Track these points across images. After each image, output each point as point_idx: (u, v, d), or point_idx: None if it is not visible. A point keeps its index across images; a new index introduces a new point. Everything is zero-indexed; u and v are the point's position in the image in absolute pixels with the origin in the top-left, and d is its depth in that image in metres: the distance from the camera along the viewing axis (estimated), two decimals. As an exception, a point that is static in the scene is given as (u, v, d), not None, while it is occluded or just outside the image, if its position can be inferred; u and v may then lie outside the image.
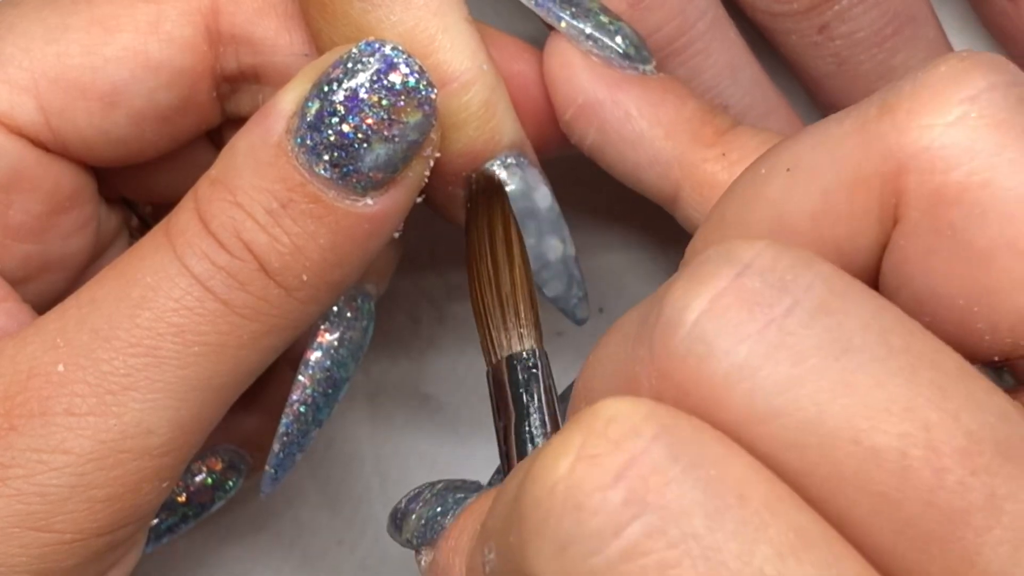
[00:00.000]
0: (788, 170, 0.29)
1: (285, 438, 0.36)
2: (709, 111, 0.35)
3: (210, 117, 0.37)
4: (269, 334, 0.33)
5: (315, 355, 0.36)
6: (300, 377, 0.35)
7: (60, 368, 0.32)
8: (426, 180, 0.34)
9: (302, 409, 0.36)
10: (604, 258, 0.43)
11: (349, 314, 0.36)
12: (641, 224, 0.43)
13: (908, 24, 0.38)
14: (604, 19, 0.35)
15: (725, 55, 0.37)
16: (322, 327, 0.36)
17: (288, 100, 0.33)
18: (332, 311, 0.36)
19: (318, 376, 0.36)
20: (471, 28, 0.34)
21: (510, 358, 0.34)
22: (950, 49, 0.39)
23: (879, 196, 0.28)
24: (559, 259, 0.36)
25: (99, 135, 0.35)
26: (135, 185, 0.38)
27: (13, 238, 0.36)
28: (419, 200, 0.34)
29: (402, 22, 0.33)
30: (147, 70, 0.35)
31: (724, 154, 0.34)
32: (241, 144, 0.33)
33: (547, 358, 0.34)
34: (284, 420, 0.35)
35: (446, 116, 0.34)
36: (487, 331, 0.34)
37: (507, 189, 0.35)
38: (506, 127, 0.35)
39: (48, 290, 0.37)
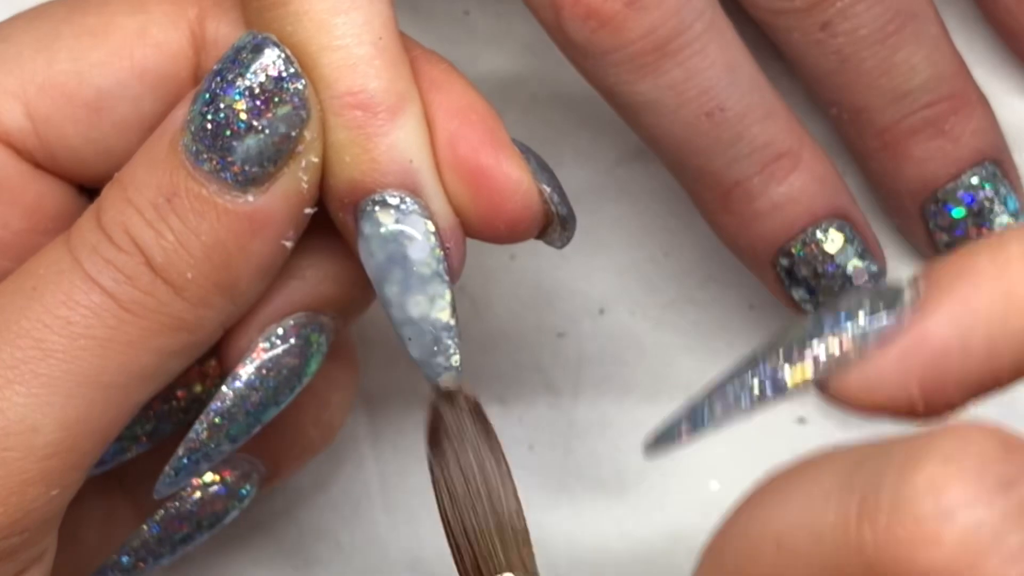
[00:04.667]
0: (776, 546, 0.27)
1: (191, 444, 0.35)
2: None
3: None
4: (160, 334, 0.33)
5: (244, 369, 0.35)
6: (224, 388, 0.35)
7: None
8: (305, 185, 0.33)
9: (217, 420, 0.35)
10: (604, 258, 0.43)
11: (293, 340, 0.35)
12: (641, 224, 0.43)
13: (910, 21, 0.38)
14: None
15: (723, 56, 0.37)
16: (260, 344, 0.35)
17: (190, 95, 0.33)
18: (277, 331, 0.35)
19: (242, 392, 0.35)
20: (373, 51, 0.33)
21: None
22: (953, 46, 0.39)
23: None
24: (422, 318, 0.34)
25: (87, 144, 0.35)
26: None
27: None
28: (308, 212, 0.34)
29: (295, 33, 0.33)
30: (132, 75, 0.35)
31: None
32: (144, 143, 0.34)
33: None
34: (196, 425, 0.35)
35: (326, 133, 0.33)
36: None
37: (379, 230, 0.33)
38: (392, 164, 0.33)
39: None
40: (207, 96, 0.33)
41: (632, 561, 0.44)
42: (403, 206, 0.33)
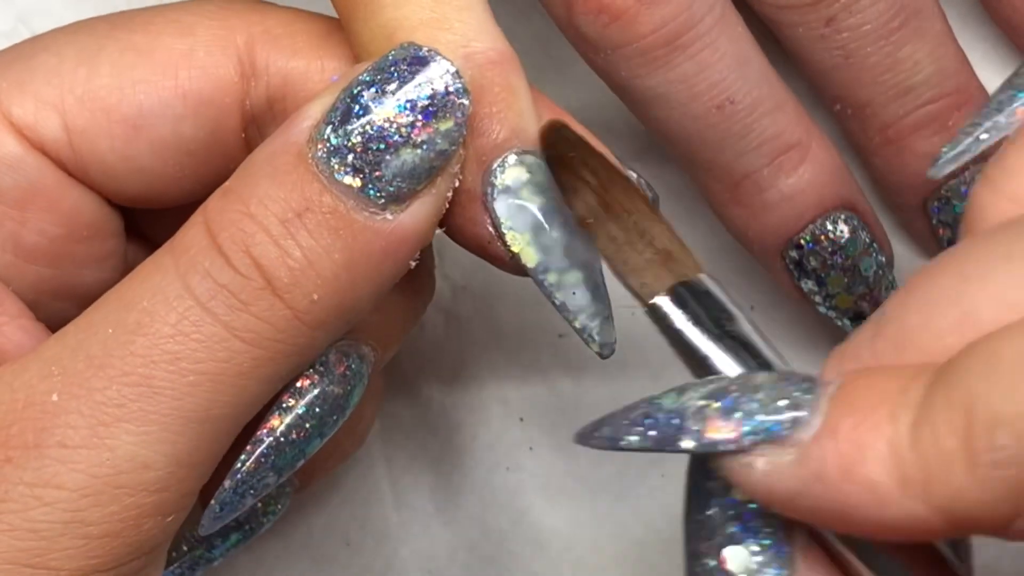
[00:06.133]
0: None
1: (238, 476, 0.33)
2: None
3: (238, 160, 0.34)
4: (272, 362, 0.32)
5: (290, 401, 0.34)
6: (270, 419, 0.34)
7: (55, 397, 0.31)
8: (448, 202, 0.32)
9: (264, 451, 0.34)
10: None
11: (338, 369, 0.34)
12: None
13: (914, 17, 0.38)
14: None
15: (733, 49, 0.37)
16: (304, 373, 0.34)
17: (315, 107, 0.32)
18: (322, 361, 0.34)
19: (289, 422, 0.34)
20: (489, 14, 0.33)
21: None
22: (956, 42, 0.39)
23: None
24: (585, 263, 0.34)
25: (121, 161, 0.35)
26: (164, 233, 0.36)
27: (25, 259, 0.35)
28: (439, 231, 0.33)
29: (422, 7, 0.32)
30: (174, 96, 0.34)
31: None
32: (260, 153, 0.32)
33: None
34: (242, 456, 0.34)
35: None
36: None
37: (527, 187, 0.33)
38: (529, 117, 0.33)
39: (61, 317, 0.35)
40: (357, 108, 0.31)
41: (632, 561, 0.44)
42: (527, 158, 0.33)
